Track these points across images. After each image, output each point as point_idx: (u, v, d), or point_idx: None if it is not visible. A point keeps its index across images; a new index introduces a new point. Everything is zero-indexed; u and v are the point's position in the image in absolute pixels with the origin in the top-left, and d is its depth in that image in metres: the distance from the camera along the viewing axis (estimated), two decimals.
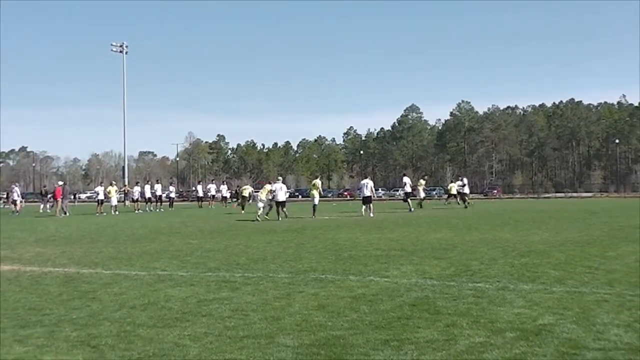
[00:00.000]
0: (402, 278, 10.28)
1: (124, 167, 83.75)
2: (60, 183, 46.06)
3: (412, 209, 35.02)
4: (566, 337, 6.28)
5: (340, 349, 6.03)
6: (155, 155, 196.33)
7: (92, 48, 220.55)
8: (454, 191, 43.56)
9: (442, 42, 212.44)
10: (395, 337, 6.40)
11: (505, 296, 8.48)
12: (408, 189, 39.42)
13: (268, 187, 30.80)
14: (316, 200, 31.69)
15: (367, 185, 32.09)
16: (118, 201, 44.59)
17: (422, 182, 45.39)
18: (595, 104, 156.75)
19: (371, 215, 30.54)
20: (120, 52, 78.36)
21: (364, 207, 31.56)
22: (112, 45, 78.63)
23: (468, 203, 41.43)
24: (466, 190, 43.66)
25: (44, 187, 58.37)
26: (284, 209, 29.99)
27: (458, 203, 41.82)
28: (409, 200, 37.24)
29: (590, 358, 5.63)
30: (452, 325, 6.88)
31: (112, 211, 41.38)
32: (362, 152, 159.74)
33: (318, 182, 33.30)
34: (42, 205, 49.10)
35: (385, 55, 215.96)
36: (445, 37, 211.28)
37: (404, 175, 42.91)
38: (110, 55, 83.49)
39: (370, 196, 31.91)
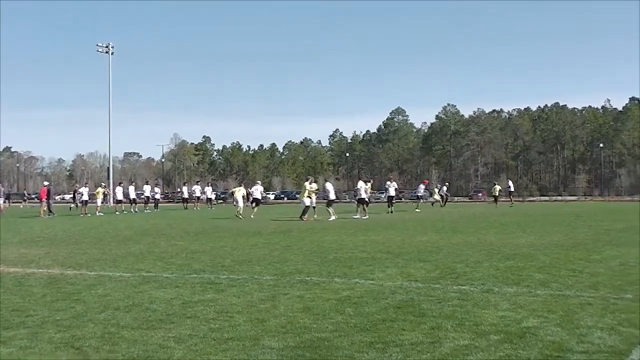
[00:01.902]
0: (388, 280, 10.29)
1: (108, 168, 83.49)
2: (46, 183, 45.83)
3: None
4: (550, 340, 6.31)
5: (325, 351, 6.03)
6: (141, 157, 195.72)
7: (78, 48, 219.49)
8: (436, 196, 48.70)
9: (428, 46, 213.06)
10: (380, 340, 6.41)
11: (490, 299, 8.51)
12: (391, 192, 39.76)
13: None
14: (307, 202, 30.75)
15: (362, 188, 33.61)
16: (101, 202, 44.33)
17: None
18: (580, 108, 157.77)
19: (357, 217, 31.20)
20: (106, 52, 78.15)
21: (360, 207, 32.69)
22: (97, 45, 78.40)
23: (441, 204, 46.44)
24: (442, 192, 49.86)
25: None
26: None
27: (442, 205, 44.37)
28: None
29: None
30: (436, 327, 6.90)
31: (97, 212, 41.22)
32: (348, 154, 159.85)
33: (308, 185, 31.76)
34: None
35: (371, 58, 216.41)
36: (431, 41, 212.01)
37: (390, 179, 42.68)
38: (96, 56, 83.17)
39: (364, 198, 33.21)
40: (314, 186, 32.00)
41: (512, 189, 53.61)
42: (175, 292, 9.40)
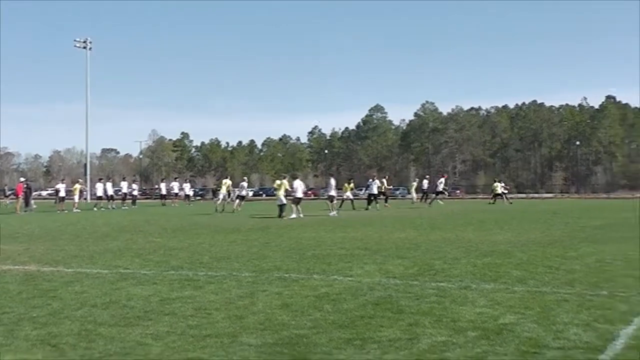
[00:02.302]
0: (366, 277, 10.32)
1: (86, 164, 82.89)
2: (22, 179, 45.47)
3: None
4: (527, 336, 6.35)
5: (304, 348, 6.03)
6: (118, 153, 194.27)
7: (55, 43, 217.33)
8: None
9: (406, 43, 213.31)
10: (358, 336, 6.42)
11: (468, 295, 8.56)
12: (374, 190, 39.93)
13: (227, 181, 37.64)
14: (284, 200, 30.17)
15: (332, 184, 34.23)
16: (79, 199, 44.04)
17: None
18: (557, 106, 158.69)
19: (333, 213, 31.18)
20: (84, 48, 77.47)
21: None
22: (75, 41, 77.71)
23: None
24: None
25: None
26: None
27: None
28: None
29: (550, 357, 5.70)
30: (414, 324, 6.93)
31: (74, 208, 40.94)
32: (326, 151, 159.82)
33: (285, 182, 31.42)
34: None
35: (350, 55, 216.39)
36: (410, 38, 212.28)
37: (374, 177, 42.49)
38: (74, 52, 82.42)
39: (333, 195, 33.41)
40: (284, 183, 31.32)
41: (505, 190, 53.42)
42: (153, 289, 9.37)
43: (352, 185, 42.27)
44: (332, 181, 34.69)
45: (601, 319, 7.07)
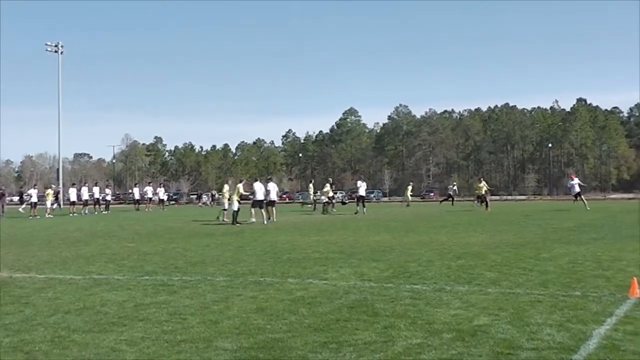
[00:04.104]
0: (341, 280, 10.32)
1: (58, 169, 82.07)
2: None
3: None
4: (501, 338, 6.40)
5: (279, 352, 6.03)
6: (91, 157, 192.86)
7: (26, 47, 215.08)
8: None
9: (380, 46, 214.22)
10: (333, 340, 6.43)
11: (442, 297, 8.60)
12: (362, 192, 40.08)
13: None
14: (235, 206, 28.27)
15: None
16: (51, 204, 43.67)
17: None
18: (529, 108, 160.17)
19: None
20: (56, 52, 76.82)
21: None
22: (47, 45, 77.03)
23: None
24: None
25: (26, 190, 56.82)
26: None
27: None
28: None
29: (524, 357, 5.74)
30: (390, 327, 6.95)
31: (46, 214, 40.59)
32: (301, 155, 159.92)
33: (240, 186, 29.92)
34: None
35: (323, 58, 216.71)
36: (383, 41, 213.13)
37: (361, 178, 42.40)
38: (45, 55, 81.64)
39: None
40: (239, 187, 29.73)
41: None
42: (127, 295, 9.31)
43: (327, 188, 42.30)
44: (257, 185, 30.07)
45: (574, 320, 7.14)
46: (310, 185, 46.00)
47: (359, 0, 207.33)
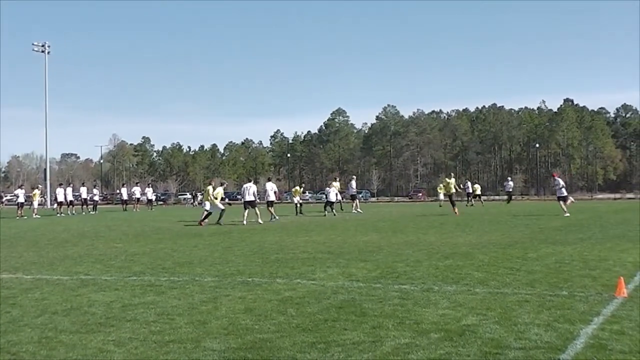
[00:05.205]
0: (329, 280, 10.33)
1: (45, 169, 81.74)
2: None
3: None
4: (489, 337, 6.42)
5: (267, 352, 6.03)
6: (79, 158, 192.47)
7: (13, 47, 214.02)
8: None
9: (368, 47, 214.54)
10: (322, 340, 6.43)
11: (430, 297, 8.61)
12: (353, 191, 40.24)
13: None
14: (220, 206, 28.23)
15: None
16: (39, 204, 43.49)
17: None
18: (517, 109, 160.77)
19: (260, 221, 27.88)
20: (42, 52, 76.50)
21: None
22: (33, 45, 76.69)
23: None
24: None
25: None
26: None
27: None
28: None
29: (512, 357, 5.76)
30: (378, 326, 6.96)
31: (33, 214, 40.42)
32: (289, 155, 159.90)
33: (220, 189, 29.55)
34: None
35: (311, 58, 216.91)
36: (371, 42, 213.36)
37: (353, 177, 42.35)
38: (32, 55, 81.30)
39: (254, 200, 29.18)
40: (219, 190, 29.20)
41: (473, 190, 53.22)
42: (114, 295, 9.28)
43: (301, 189, 42.97)
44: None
45: (561, 319, 7.17)
46: (297, 187, 44.87)
47: (348, 0, 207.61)
